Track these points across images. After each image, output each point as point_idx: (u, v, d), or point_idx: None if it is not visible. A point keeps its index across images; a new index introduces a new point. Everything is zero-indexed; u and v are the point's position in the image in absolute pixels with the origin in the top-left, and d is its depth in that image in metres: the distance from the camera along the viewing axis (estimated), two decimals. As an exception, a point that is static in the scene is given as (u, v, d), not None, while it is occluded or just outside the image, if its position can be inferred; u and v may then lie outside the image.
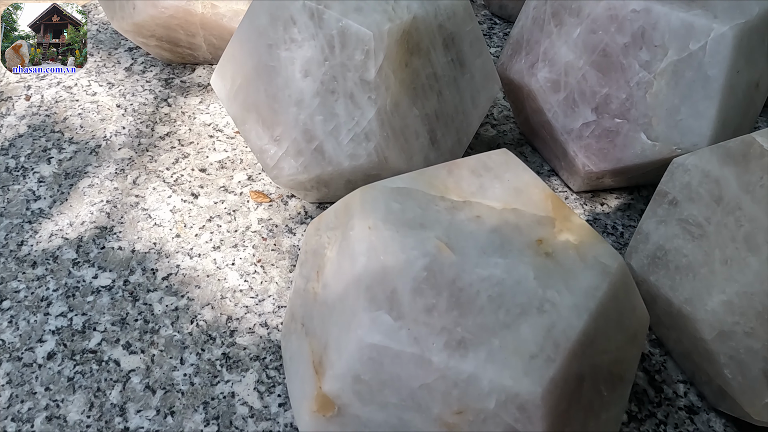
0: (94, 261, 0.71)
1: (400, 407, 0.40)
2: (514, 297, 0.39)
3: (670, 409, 0.63)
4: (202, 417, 0.60)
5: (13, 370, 0.62)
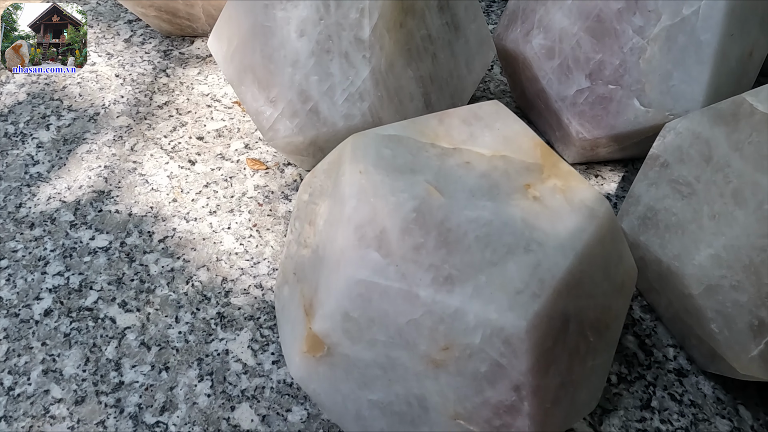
0: (92, 223, 0.72)
1: (388, 345, 0.40)
2: (501, 237, 0.40)
3: (659, 372, 0.64)
4: (197, 373, 0.61)
5: (10, 326, 0.63)
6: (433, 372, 0.40)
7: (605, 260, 0.43)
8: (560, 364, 0.41)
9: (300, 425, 0.58)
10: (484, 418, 0.41)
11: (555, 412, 0.43)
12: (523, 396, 0.39)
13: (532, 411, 0.40)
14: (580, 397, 0.46)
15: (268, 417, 0.58)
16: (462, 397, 0.40)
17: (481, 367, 0.39)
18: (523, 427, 0.40)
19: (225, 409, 0.59)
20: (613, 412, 0.61)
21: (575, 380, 0.44)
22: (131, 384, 0.60)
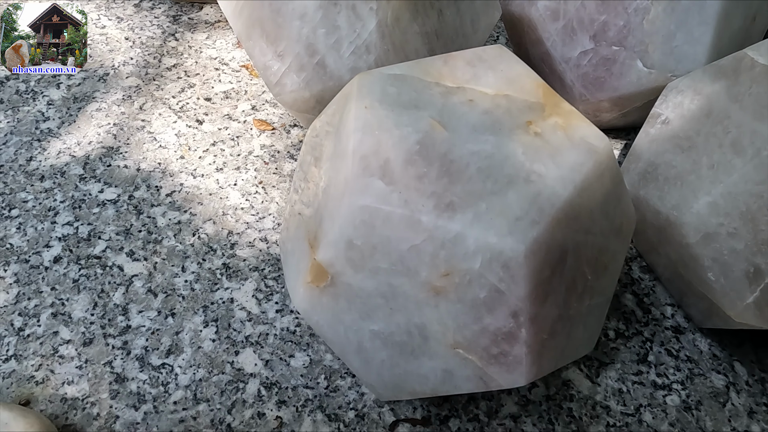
0: (101, 177, 0.73)
1: (390, 273, 0.41)
2: (502, 169, 0.41)
3: (656, 329, 0.65)
4: (202, 319, 0.62)
5: (20, 271, 0.64)
6: (434, 300, 0.41)
7: (604, 197, 0.44)
8: (558, 296, 0.42)
9: (302, 370, 0.59)
10: (483, 346, 0.42)
11: (552, 344, 0.44)
12: (521, 323, 0.40)
13: (530, 339, 0.41)
14: (577, 334, 0.47)
15: (272, 362, 0.60)
16: (461, 325, 0.41)
17: (481, 293, 0.40)
18: (521, 355, 0.41)
19: (229, 354, 0.60)
20: (610, 365, 0.62)
21: (572, 316, 0.45)
22: (138, 328, 0.61)
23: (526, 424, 0.57)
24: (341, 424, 0.56)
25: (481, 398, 0.59)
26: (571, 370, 0.61)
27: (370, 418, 0.57)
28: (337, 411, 0.57)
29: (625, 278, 0.69)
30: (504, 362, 0.42)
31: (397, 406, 0.58)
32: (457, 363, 0.43)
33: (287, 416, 0.56)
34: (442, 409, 0.58)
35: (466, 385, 0.44)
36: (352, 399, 0.58)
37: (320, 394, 0.58)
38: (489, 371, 0.43)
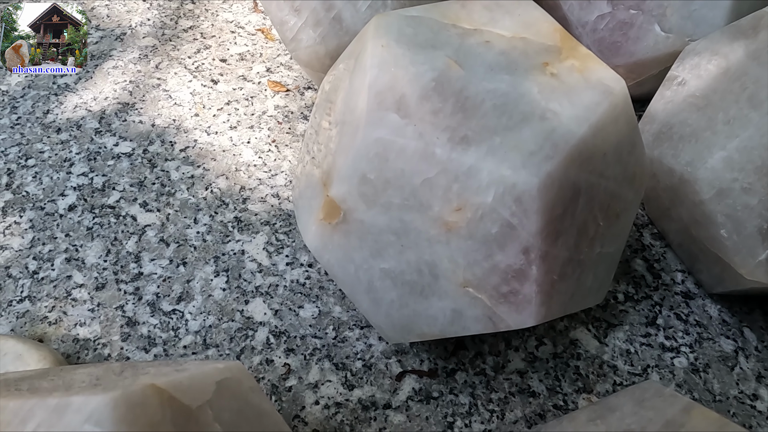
0: (116, 131, 0.74)
1: (402, 208, 0.42)
2: (518, 106, 0.41)
3: (666, 293, 0.65)
4: (213, 269, 0.63)
5: (35, 218, 0.65)
6: (445, 236, 0.41)
7: (618, 141, 0.44)
8: (569, 237, 0.42)
9: (311, 320, 0.60)
10: (493, 284, 0.42)
11: (561, 287, 0.44)
12: (532, 259, 0.40)
13: (540, 278, 0.41)
14: (586, 282, 0.47)
15: (281, 312, 0.60)
16: (472, 263, 0.42)
17: (492, 228, 0.40)
18: (530, 293, 0.42)
19: (239, 302, 0.61)
20: (618, 327, 0.62)
21: (582, 261, 0.45)
22: (150, 275, 0.62)
23: (532, 380, 0.57)
24: (348, 373, 0.57)
25: (488, 353, 0.59)
26: (579, 330, 0.61)
27: (377, 368, 0.57)
28: (344, 360, 0.57)
29: (636, 244, 0.69)
30: (513, 301, 0.42)
31: (405, 358, 0.58)
32: (466, 302, 0.43)
33: (295, 363, 0.57)
34: (449, 362, 0.58)
35: (475, 325, 0.44)
36: (360, 350, 0.58)
37: (328, 343, 0.58)
38: (498, 311, 0.43)
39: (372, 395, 0.55)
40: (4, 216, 0.65)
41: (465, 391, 0.56)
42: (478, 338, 0.60)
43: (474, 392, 0.56)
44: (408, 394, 0.56)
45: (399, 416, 0.54)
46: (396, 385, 0.56)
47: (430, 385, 0.56)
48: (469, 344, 0.59)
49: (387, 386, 0.56)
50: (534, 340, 0.60)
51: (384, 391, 0.56)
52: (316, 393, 0.55)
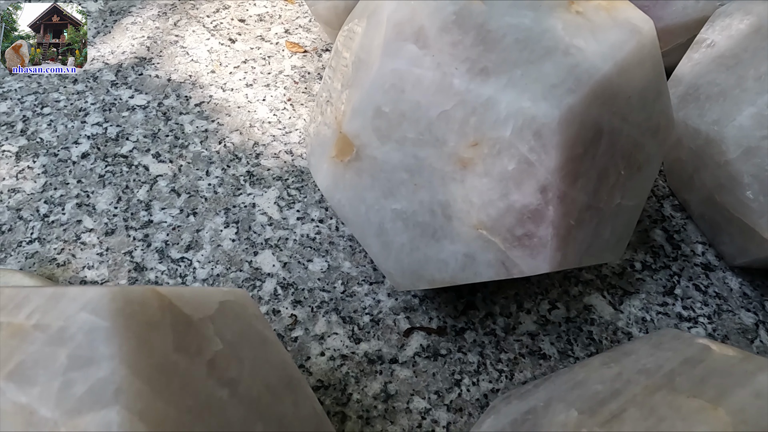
0: (132, 84, 0.73)
1: (416, 143, 0.40)
2: (540, 41, 0.39)
3: (685, 264, 0.63)
4: (223, 220, 0.62)
5: (48, 163, 0.65)
6: (460, 174, 0.40)
7: (644, 86, 0.42)
8: (588, 181, 0.41)
9: (320, 274, 0.59)
10: (507, 226, 0.41)
11: (579, 235, 0.42)
12: (549, 199, 0.39)
13: (557, 220, 0.40)
14: (604, 233, 0.45)
15: (289, 264, 0.59)
16: (486, 202, 0.40)
17: (509, 164, 0.39)
18: (546, 236, 0.40)
19: (248, 254, 0.60)
20: (634, 294, 0.60)
21: (602, 210, 0.43)
22: (159, 223, 0.61)
23: (543, 342, 0.56)
24: (355, 327, 0.56)
25: (499, 314, 0.57)
26: (593, 296, 0.60)
27: (385, 323, 0.56)
28: (352, 314, 0.56)
29: (656, 215, 0.67)
30: (528, 245, 0.41)
31: (413, 315, 0.57)
32: (479, 246, 0.42)
33: (302, 315, 0.56)
34: (459, 321, 0.57)
35: (487, 271, 0.43)
36: (368, 305, 0.57)
37: (336, 297, 0.57)
38: (512, 255, 0.42)
39: (378, 349, 0.54)
40: (18, 161, 0.65)
41: (474, 350, 0.55)
42: (489, 299, 0.58)
43: (483, 352, 0.55)
44: (415, 350, 0.55)
45: (405, 371, 0.53)
46: (403, 340, 0.55)
47: (438, 342, 0.55)
48: (480, 304, 0.58)
49: (394, 341, 0.55)
50: (547, 304, 0.59)
51: (391, 346, 0.55)
52: (322, 344, 0.54)
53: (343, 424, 0.50)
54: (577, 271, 0.61)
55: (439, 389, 0.52)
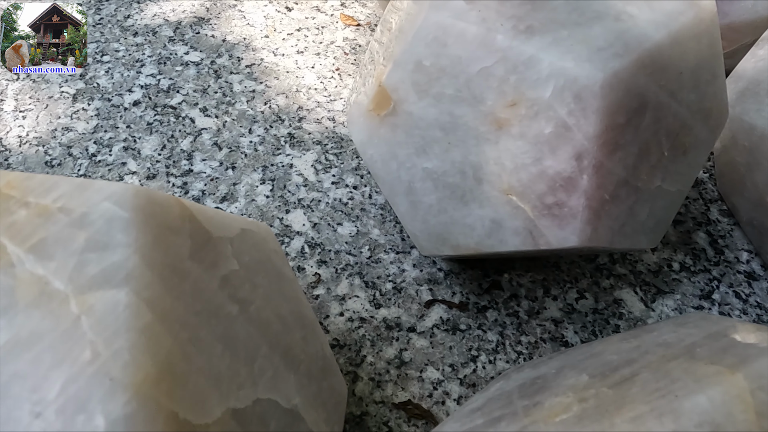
0: (188, 41, 0.76)
1: (454, 100, 0.40)
2: (591, 5, 0.38)
3: (727, 270, 0.60)
4: (260, 177, 0.63)
5: (102, 107, 0.68)
6: (495, 134, 0.40)
7: (698, 63, 0.40)
8: (628, 155, 0.39)
9: (348, 238, 0.59)
10: (538, 193, 0.40)
11: (612, 211, 0.41)
12: (584, 167, 0.38)
13: (590, 191, 0.39)
14: (640, 215, 0.43)
15: (319, 225, 0.60)
16: (519, 166, 0.39)
17: (546, 127, 0.38)
18: (577, 207, 0.39)
19: (280, 211, 0.61)
20: (668, 294, 0.58)
21: (639, 189, 0.42)
22: (199, 173, 0.63)
23: (567, 330, 0.54)
24: (377, 292, 0.56)
25: (524, 297, 0.56)
26: (624, 291, 0.58)
27: (407, 293, 0.56)
28: (375, 280, 0.56)
29: (701, 217, 0.64)
30: (558, 214, 0.40)
31: (437, 288, 0.56)
32: (507, 212, 0.41)
33: (326, 275, 0.56)
34: (482, 299, 0.56)
35: (513, 239, 0.42)
36: (393, 273, 0.57)
37: (362, 262, 0.57)
38: (540, 224, 0.41)
39: (398, 317, 0.54)
40: (74, 102, 0.68)
41: (494, 329, 0.54)
42: (516, 281, 0.57)
43: (504, 332, 0.54)
44: (434, 321, 0.54)
45: (422, 341, 0.53)
46: (424, 311, 0.55)
47: (459, 317, 0.55)
48: (506, 285, 0.57)
49: (414, 311, 0.55)
50: (575, 293, 0.57)
51: (411, 315, 0.54)
52: (342, 305, 0.54)
53: (354, 384, 0.50)
54: (611, 264, 0.59)
55: (454, 363, 0.52)
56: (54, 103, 0.68)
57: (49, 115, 0.66)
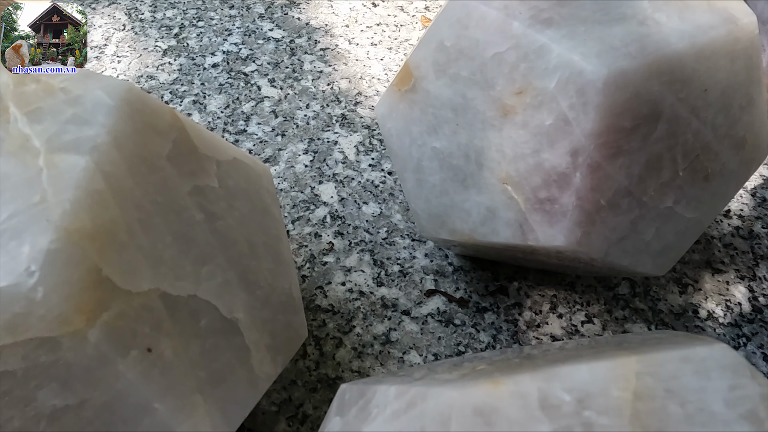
0: (275, 20, 0.82)
1: (468, 82, 0.41)
2: (619, 7, 0.38)
3: (762, 331, 0.55)
4: (304, 147, 0.67)
5: (185, 64, 0.75)
6: (500, 121, 0.40)
7: (729, 84, 0.39)
8: (633, 164, 0.38)
9: (369, 217, 0.61)
10: (532, 185, 0.39)
11: (610, 219, 0.40)
12: (578, 164, 0.37)
13: (583, 191, 0.38)
14: (646, 234, 0.42)
15: (346, 200, 0.62)
16: (518, 156, 0.40)
17: (547, 119, 0.38)
18: (567, 205, 0.38)
19: (314, 181, 0.64)
20: (686, 339, 0.54)
21: (646, 204, 0.40)
22: (251, 134, 0.67)
23: (564, 349, 0.53)
24: (383, 272, 0.57)
25: (527, 308, 0.55)
26: (638, 325, 0.55)
27: (412, 278, 0.56)
28: (384, 260, 0.58)
29: (747, 272, 0.59)
30: (549, 210, 0.39)
31: (442, 280, 0.56)
32: (502, 202, 0.41)
33: (339, 245, 0.58)
34: (485, 300, 0.55)
35: (505, 231, 0.42)
36: (403, 257, 0.58)
37: (376, 241, 0.59)
38: (530, 218, 0.40)
39: (396, 298, 0.55)
40: (163, 56, 0.75)
41: (488, 331, 0.53)
42: (524, 291, 0.56)
43: (497, 336, 0.53)
44: (430, 310, 0.54)
45: (413, 325, 0.53)
46: (423, 299, 0.55)
47: (456, 312, 0.54)
48: (513, 293, 0.56)
49: (414, 297, 0.55)
50: (583, 316, 0.55)
51: (409, 300, 0.55)
52: (347, 276, 0.56)
53: (336, 349, 0.52)
54: (630, 296, 0.57)
55: (439, 353, 0.52)
56: (147, 54, 0.76)
57: (139, 63, 0.74)
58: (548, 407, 0.21)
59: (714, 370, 0.22)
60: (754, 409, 0.21)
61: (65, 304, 0.23)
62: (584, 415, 0.21)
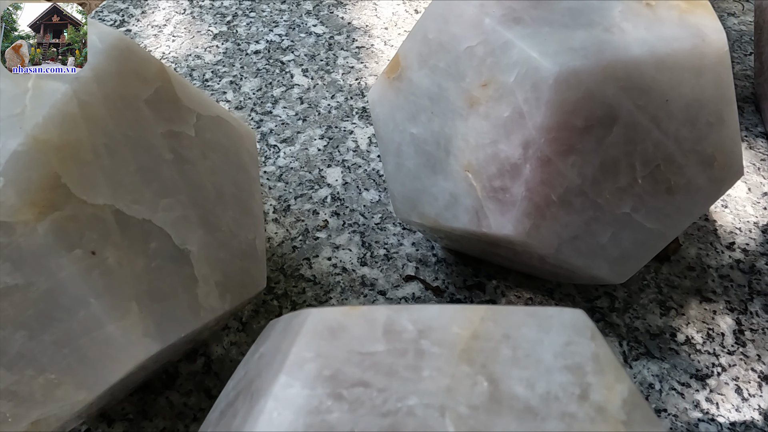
0: (321, 17, 0.87)
1: (444, 73, 0.44)
2: (589, 15, 0.40)
3: (740, 363, 0.54)
4: (321, 133, 0.71)
5: (230, 48, 0.81)
6: (467, 111, 0.42)
7: (695, 98, 0.39)
8: (587, 163, 0.40)
9: (367, 203, 0.64)
10: (489, 174, 0.42)
11: (561, 216, 0.41)
12: (529, 157, 0.39)
13: (532, 183, 0.40)
14: (601, 236, 0.43)
15: (349, 185, 0.66)
16: (478, 145, 0.42)
17: (505, 111, 0.40)
18: (517, 195, 0.40)
19: (323, 163, 0.68)
20: (655, 360, 0.54)
21: (601, 206, 0.41)
22: (275, 116, 0.73)
23: (528, 350, 0.53)
24: (369, 253, 0.60)
25: (501, 306, 0.56)
26: (609, 339, 0.55)
27: (394, 263, 0.59)
28: (372, 243, 0.61)
29: (738, 305, 0.58)
30: (501, 199, 0.41)
31: (423, 269, 0.59)
32: (463, 189, 0.44)
33: (333, 224, 0.62)
34: (460, 293, 0.57)
35: (463, 217, 0.44)
36: (390, 243, 0.61)
37: (369, 225, 0.62)
38: (485, 206, 0.42)
39: (375, 278, 0.58)
40: (212, 39, 0.82)
41: (457, 321, 0.55)
42: (501, 291, 0.58)
43: (465, 327, 0.55)
44: (406, 294, 0.57)
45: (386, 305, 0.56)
46: (401, 283, 0.58)
47: (429, 300, 0.57)
48: (490, 291, 0.57)
49: (393, 280, 0.58)
50: (554, 321, 0.56)
51: (387, 282, 0.58)
52: (333, 252, 0.60)
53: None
54: (608, 311, 0.57)
55: (405, 334, 0.54)
56: (199, 36, 0.83)
57: (190, 44, 0.81)
58: (390, 332, 0.24)
59: (556, 326, 0.24)
60: (582, 363, 0.23)
61: (19, 196, 0.28)
62: (420, 342, 0.23)
